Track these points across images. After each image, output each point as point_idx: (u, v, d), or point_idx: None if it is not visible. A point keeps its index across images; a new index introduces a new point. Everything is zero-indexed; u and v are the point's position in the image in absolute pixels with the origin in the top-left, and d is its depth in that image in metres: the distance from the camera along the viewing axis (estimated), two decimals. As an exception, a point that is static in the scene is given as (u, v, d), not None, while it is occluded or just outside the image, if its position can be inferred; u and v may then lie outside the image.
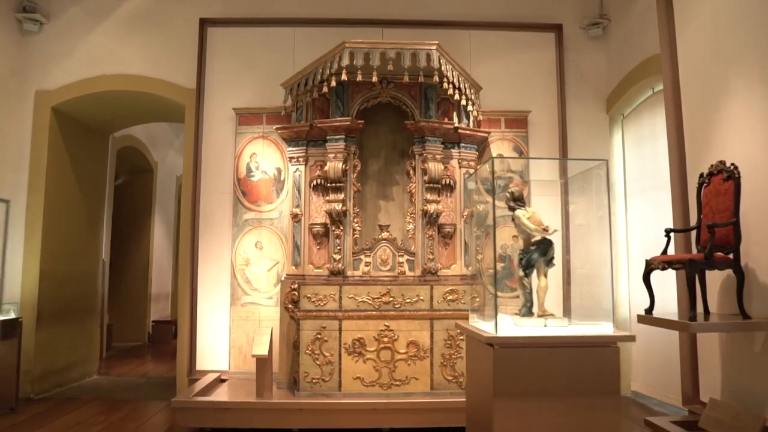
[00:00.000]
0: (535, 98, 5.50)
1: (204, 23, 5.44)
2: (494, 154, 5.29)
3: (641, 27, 5.06)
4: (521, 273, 3.02)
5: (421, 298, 4.40)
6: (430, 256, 4.71)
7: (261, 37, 5.47)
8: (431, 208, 4.69)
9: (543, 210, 5.44)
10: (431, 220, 4.72)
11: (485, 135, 5.10)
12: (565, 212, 4.45)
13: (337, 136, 4.71)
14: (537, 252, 3.13)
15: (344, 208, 4.68)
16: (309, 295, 4.39)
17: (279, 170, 5.18)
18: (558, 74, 5.57)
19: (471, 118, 5.08)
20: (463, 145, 5.01)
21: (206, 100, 5.41)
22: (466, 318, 4.35)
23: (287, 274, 4.92)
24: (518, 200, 3.10)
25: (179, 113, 5.59)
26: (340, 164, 4.65)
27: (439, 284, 4.46)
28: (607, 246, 3.10)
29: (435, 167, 4.72)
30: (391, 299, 4.39)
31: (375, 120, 5.05)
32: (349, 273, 4.68)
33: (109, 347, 8.25)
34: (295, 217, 4.89)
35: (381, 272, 4.69)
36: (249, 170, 5.20)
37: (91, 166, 6.37)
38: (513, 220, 3.06)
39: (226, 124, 5.34)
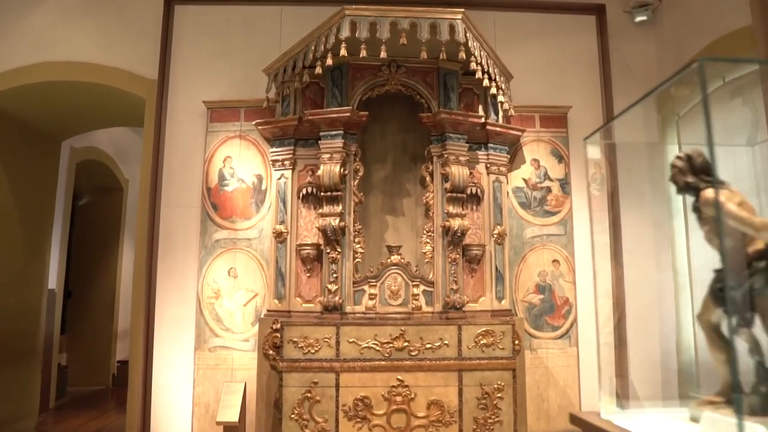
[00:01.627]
0: (574, 93, 4.52)
1: (170, 0, 4.45)
2: (528, 159, 4.28)
3: (704, 5, 4.14)
4: (722, 313, 1.81)
5: (446, 342, 3.30)
6: (454, 286, 3.63)
7: (240, 17, 4.48)
8: (455, 223, 3.63)
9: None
10: (455, 239, 3.66)
11: (518, 133, 4.09)
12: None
13: (334, 132, 3.68)
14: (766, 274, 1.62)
15: (342, 223, 3.62)
16: (295, 339, 3.27)
17: (259, 177, 4.12)
18: (600, 65, 4.61)
19: (500, 114, 4.07)
20: (491, 145, 3.99)
21: (171, 92, 4.37)
22: (506, 369, 3.26)
23: (268, 310, 3.81)
24: (703, 173, 1.89)
25: (143, 114, 4.54)
26: (338, 167, 3.61)
27: (469, 323, 3.36)
28: None
29: (459, 171, 3.68)
30: (405, 344, 3.28)
31: (380, 115, 4.04)
32: (348, 308, 3.58)
33: (62, 394, 7.01)
34: (279, 236, 3.81)
35: (390, 307, 3.60)
36: (222, 178, 4.14)
37: (35, 178, 5.28)
38: (696, 210, 1.91)
39: (195, 122, 4.30)
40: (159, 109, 4.33)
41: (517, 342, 3.41)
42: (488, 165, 3.97)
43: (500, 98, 3.85)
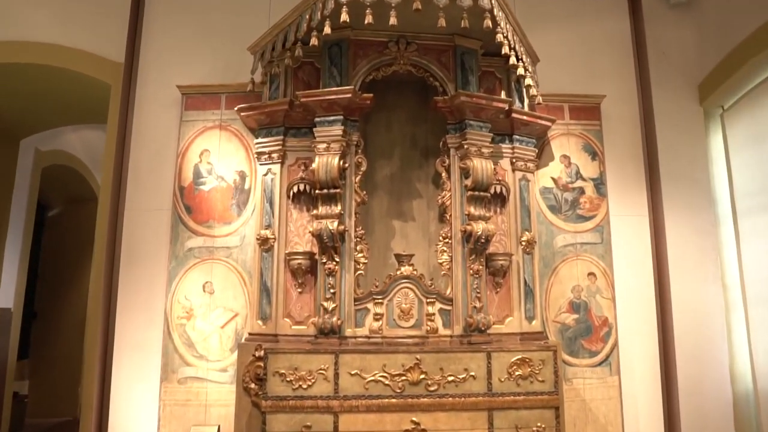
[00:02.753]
0: (606, 82, 3.95)
1: (142, -29, 3.86)
2: (557, 156, 3.68)
3: (755, -18, 3.60)
4: None
5: (472, 373, 2.64)
6: (477, 304, 2.99)
7: (223, -8, 3.90)
8: (478, 227, 3.01)
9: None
10: (478, 246, 3.03)
11: (548, 124, 3.49)
12: None
13: (332, 117, 3.05)
14: None
15: (342, 227, 2.98)
16: (283, 370, 2.60)
17: (242, 174, 3.48)
18: (635, 51, 4.06)
19: (526, 101, 3.49)
20: (517, 137, 3.40)
21: (141, 76, 3.75)
22: (548, 407, 2.61)
23: (250, 334, 3.14)
24: None
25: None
26: (336, 159, 2.98)
27: (501, 350, 2.71)
28: None
29: (482, 166, 3.07)
30: (422, 377, 2.62)
31: (386, 103, 3.45)
32: (349, 331, 2.92)
33: (18, 427, 6.20)
34: (264, 244, 3.16)
35: (400, 330, 2.95)
36: (198, 175, 3.50)
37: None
38: None
39: (168, 110, 3.67)
40: (126, 96, 3.70)
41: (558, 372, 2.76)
42: (513, 160, 3.37)
43: (528, 81, 3.26)
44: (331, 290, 2.95)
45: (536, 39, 3.78)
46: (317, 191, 3.01)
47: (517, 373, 2.64)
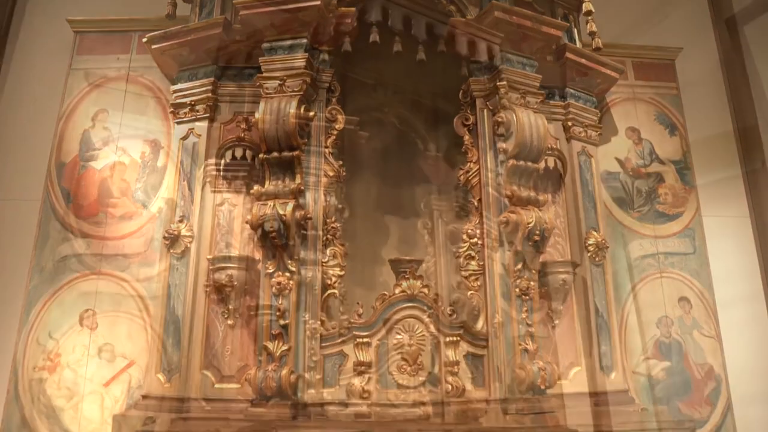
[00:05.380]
0: (677, 35, 2.88)
1: None
2: (621, 128, 2.56)
3: None
4: None
5: (542, 479, 1.40)
6: (529, 345, 1.78)
7: None
8: (528, 217, 1.83)
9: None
10: (528, 249, 1.84)
11: (615, 75, 2.38)
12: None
13: (290, 42, 1.92)
14: None
15: (301, 213, 1.77)
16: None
17: (155, 145, 2.29)
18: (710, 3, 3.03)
19: (578, 45, 2.39)
20: (572, 91, 2.28)
21: (18, 7, 2.60)
22: None
23: (144, 397, 1.87)
24: None
25: None
26: (293, 104, 1.81)
27: (602, 431, 1.48)
28: None
29: (529, 120, 1.92)
30: (447, 489, 1.37)
31: (371, 48, 2.31)
32: (310, 395, 1.67)
33: None
34: (175, 245, 1.93)
35: (401, 391, 1.70)
36: (88, 146, 2.30)
37: None
38: None
39: (52, 55, 2.52)
40: (-7, 37, 2.53)
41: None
42: (568, 123, 2.23)
43: (587, 5, 2.16)
44: (282, 321, 1.71)
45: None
46: (264, 155, 1.82)
47: (625, 476, 1.41)
